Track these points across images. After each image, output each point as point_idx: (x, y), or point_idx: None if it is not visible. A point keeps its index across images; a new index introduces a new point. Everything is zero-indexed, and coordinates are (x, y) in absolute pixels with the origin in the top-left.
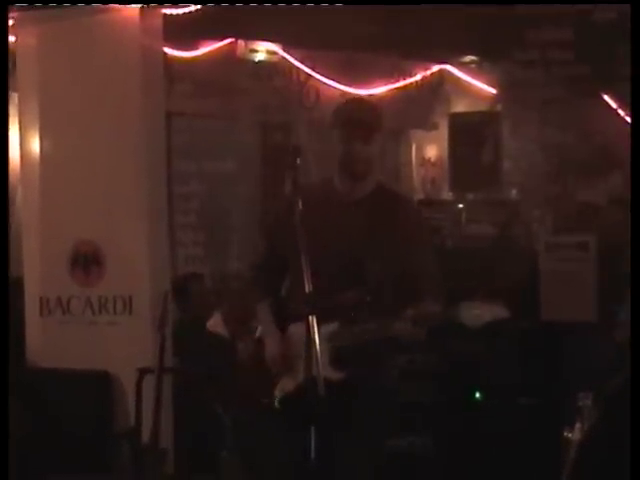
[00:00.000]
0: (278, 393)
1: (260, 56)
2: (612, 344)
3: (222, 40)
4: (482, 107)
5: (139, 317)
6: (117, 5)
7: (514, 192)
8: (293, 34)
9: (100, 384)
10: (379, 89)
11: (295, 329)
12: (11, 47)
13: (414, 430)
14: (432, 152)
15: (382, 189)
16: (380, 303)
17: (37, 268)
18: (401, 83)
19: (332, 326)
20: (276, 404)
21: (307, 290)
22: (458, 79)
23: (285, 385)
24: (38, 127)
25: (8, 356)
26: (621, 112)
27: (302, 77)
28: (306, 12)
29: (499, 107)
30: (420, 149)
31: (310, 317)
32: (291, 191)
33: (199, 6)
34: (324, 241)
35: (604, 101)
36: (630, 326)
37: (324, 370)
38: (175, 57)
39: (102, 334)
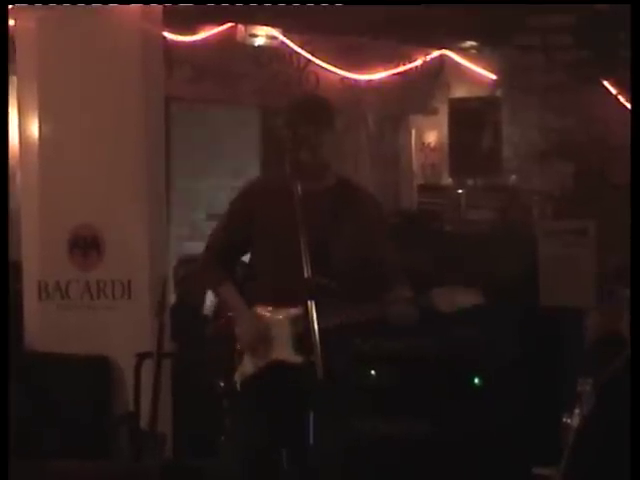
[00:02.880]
0: (238, 377)
1: (260, 41)
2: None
3: (222, 25)
4: (482, 92)
5: (138, 302)
6: None
7: (514, 178)
8: (293, 19)
9: (99, 369)
10: (379, 74)
11: (261, 312)
12: (10, 31)
13: (412, 416)
14: (432, 137)
15: (345, 183)
16: (345, 289)
17: (36, 252)
18: (401, 68)
19: (295, 310)
20: (237, 387)
21: (306, 275)
22: (458, 64)
23: (246, 368)
24: (37, 111)
25: (8, 340)
26: (621, 98)
27: (302, 62)
28: None
29: (499, 92)
30: (420, 134)
31: (309, 302)
32: (290, 175)
33: None
34: (286, 230)
35: (604, 87)
36: (630, 327)
37: (287, 354)
38: (175, 42)
39: (101, 319)
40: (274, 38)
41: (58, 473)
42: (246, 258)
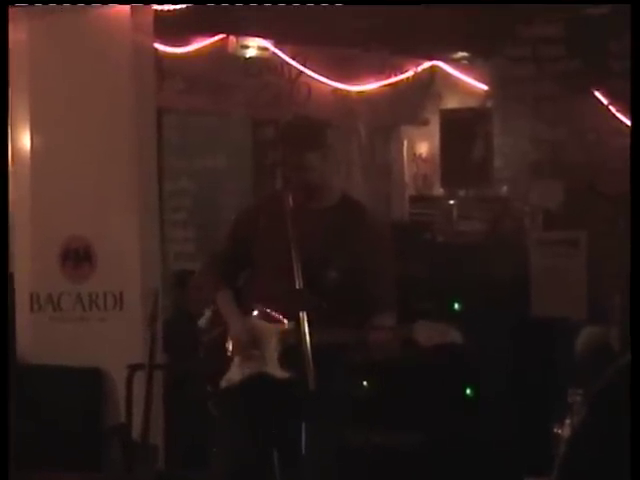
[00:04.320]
0: (224, 382)
1: (251, 52)
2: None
3: (213, 36)
4: (473, 103)
5: (130, 313)
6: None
7: (505, 188)
8: (284, 30)
9: (91, 380)
10: (370, 85)
11: (255, 322)
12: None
13: (405, 427)
14: (423, 148)
15: (348, 200)
16: (334, 310)
17: (28, 264)
18: (392, 79)
19: (286, 325)
20: (222, 392)
21: (297, 286)
22: (449, 75)
23: (232, 375)
24: (29, 122)
25: (8, 353)
26: (612, 108)
27: (293, 73)
28: (297, 8)
29: (490, 103)
30: (411, 145)
31: (301, 313)
32: (281, 187)
33: (190, 5)
34: (280, 245)
35: (596, 97)
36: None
37: (272, 367)
38: (166, 53)
39: (93, 330)
40: (265, 49)
41: None
42: None
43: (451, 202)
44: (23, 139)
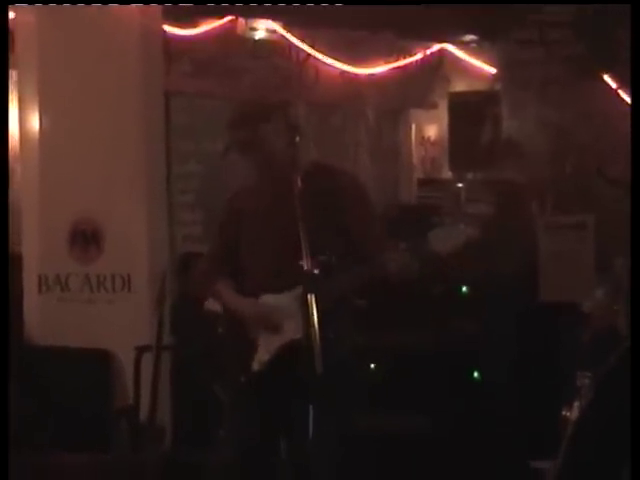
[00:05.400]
0: (256, 366)
1: (260, 34)
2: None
3: (222, 18)
4: (482, 86)
5: (137, 295)
6: None
7: (513, 172)
8: (293, 12)
9: (98, 362)
10: (378, 68)
11: (266, 300)
12: (10, 24)
13: (412, 411)
14: (431, 131)
15: (317, 167)
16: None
17: (36, 245)
18: (401, 62)
19: (295, 291)
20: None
21: (305, 267)
22: (458, 58)
23: (261, 356)
24: (37, 105)
25: (9, 334)
26: (621, 92)
27: (302, 56)
28: None
29: (499, 86)
30: (419, 128)
31: (309, 295)
32: (290, 169)
33: None
34: (269, 225)
35: (604, 81)
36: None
37: (296, 330)
38: (174, 35)
39: (100, 312)
40: (274, 32)
41: (58, 466)
42: None
43: (459, 185)
44: (32, 121)
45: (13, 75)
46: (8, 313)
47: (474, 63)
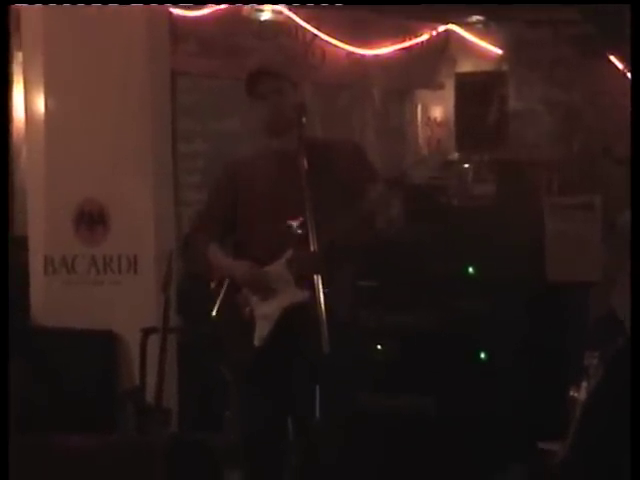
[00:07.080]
0: (257, 341)
1: (266, 15)
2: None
3: None
4: (488, 67)
5: (144, 276)
6: None
7: (520, 152)
8: None
9: (104, 343)
10: (385, 49)
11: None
12: (15, 6)
13: (419, 391)
14: (438, 112)
15: (312, 142)
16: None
17: (42, 227)
18: (407, 43)
19: (287, 254)
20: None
21: (312, 249)
22: (464, 39)
23: (262, 331)
24: (43, 86)
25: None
26: (628, 73)
27: (308, 37)
28: None
29: (505, 67)
30: (426, 109)
31: (315, 277)
32: (296, 149)
33: None
34: (265, 197)
35: (611, 61)
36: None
37: (292, 294)
38: (180, 16)
39: (107, 293)
40: (280, 12)
41: (63, 447)
42: None
43: (466, 166)
44: (37, 102)
45: (18, 56)
46: (7, 296)
47: (480, 44)
